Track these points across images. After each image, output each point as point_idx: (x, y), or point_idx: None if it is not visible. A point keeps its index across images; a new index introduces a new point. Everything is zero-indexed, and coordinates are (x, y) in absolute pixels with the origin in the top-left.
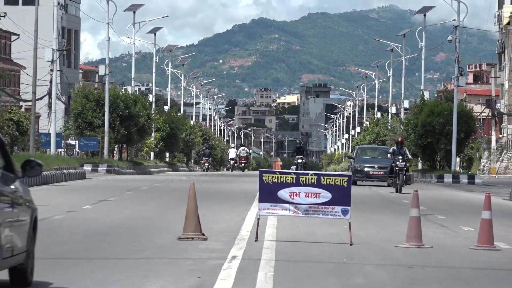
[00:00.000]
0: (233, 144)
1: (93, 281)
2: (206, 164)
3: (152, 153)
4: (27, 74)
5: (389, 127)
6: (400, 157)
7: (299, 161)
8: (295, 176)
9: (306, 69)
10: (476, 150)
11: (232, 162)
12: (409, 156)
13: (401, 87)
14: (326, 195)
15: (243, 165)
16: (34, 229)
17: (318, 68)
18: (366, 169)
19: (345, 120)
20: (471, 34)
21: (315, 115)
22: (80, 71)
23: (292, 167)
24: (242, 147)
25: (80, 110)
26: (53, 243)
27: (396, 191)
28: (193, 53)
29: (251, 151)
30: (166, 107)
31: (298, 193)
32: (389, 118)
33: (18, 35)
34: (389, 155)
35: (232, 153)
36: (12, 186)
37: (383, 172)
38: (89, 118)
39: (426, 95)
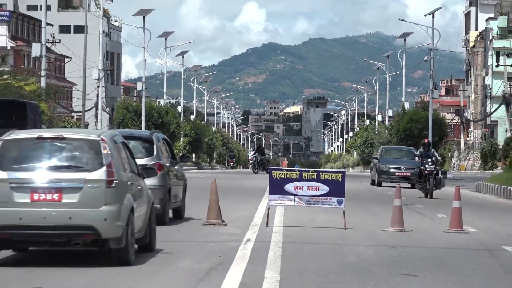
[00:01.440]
0: (251, 148)
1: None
2: (231, 163)
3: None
4: (78, 90)
5: (376, 132)
6: (429, 159)
7: (256, 158)
8: (299, 172)
9: (308, 85)
10: (448, 150)
11: (251, 161)
12: (439, 158)
13: (385, 99)
14: (324, 188)
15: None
16: (184, 190)
17: (317, 84)
18: (392, 170)
19: (339, 126)
20: (443, 55)
21: (315, 122)
22: (121, 87)
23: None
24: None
25: (122, 119)
26: None
27: (426, 196)
28: (214, 72)
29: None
30: (192, 117)
31: (301, 187)
32: (376, 125)
33: (70, 58)
34: (416, 158)
35: (250, 154)
36: (176, 167)
37: (409, 174)
38: (129, 126)
39: (406, 105)
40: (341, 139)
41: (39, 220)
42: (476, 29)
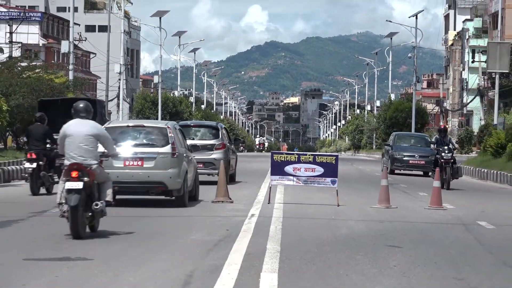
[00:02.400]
0: (258, 135)
1: (152, 231)
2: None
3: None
4: (102, 82)
5: (365, 120)
6: (446, 147)
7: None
8: (297, 156)
9: (305, 78)
10: (430, 136)
11: (257, 146)
12: (456, 146)
13: (374, 91)
14: (319, 170)
15: (261, 148)
16: (236, 162)
17: (314, 77)
18: (405, 158)
19: (333, 115)
20: (425, 52)
21: (312, 112)
22: (140, 80)
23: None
24: (261, 137)
25: (140, 109)
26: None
27: (442, 187)
28: (222, 67)
29: (265, 138)
30: (203, 106)
31: (299, 168)
32: (366, 114)
33: (95, 54)
34: (432, 146)
35: (257, 140)
36: (232, 147)
37: (423, 162)
38: (146, 114)
39: (393, 97)
40: (334, 127)
41: (129, 177)
42: (454, 29)
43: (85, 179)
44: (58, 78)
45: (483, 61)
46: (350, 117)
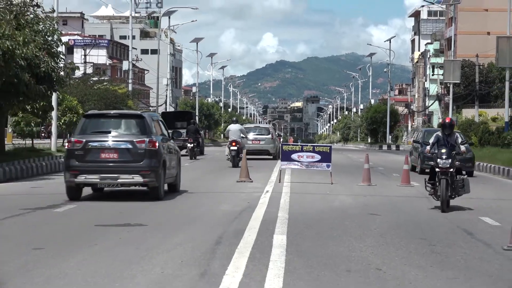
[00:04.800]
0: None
1: (191, 205)
2: None
3: (222, 135)
4: (153, 92)
5: (352, 119)
6: (444, 150)
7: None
8: (301, 146)
9: (306, 88)
10: (400, 131)
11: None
12: (461, 149)
13: (358, 97)
14: (317, 157)
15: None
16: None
17: (313, 87)
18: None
19: (328, 115)
20: (396, 68)
21: (311, 113)
22: (182, 90)
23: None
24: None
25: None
26: None
27: (442, 208)
28: (244, 80)
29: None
30: (229, 109)
31: (302, 156)
32: (352, 114)
33: (148, 70)
34: (427, 148)
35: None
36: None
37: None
38: None
39: (372, 101)
40: (328, 124)
41: (253, 148)
42: (419, 50)
43: (237, 146)
44: (120, 89)
45: (440, 74)
46: (340, 117)
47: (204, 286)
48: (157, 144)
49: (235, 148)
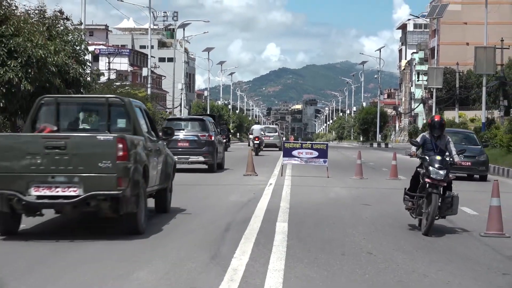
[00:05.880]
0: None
1: (202, 195)
2: None
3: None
4: (169, 95)
5: (346, 120)
6: (438, 157)
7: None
8: (300, 144)
9: (305, 92)
10: (389, 131)
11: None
12: (455, 159)
13: (352, 101)
14: (315, 153)
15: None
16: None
17: (311, 91)
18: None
19: (324, 117)
20: (386, 74)
21: (310, 114)
22: (195, 93)
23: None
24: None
25: (195, 113)
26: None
27: (425, 230)
28: (250, 85)
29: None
30: (237, 111)
31: (302, 152)
32: (346, 116)
33: (165, 76)
34: (413, 148)
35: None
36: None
37: (470, 163)
38: None
39: (364, 104)
40: (325, 124)
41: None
42: (405, 59)
43: (259, 140)
44: (140, 93)
45: (425, 80)
46: (335, 118)
47: (214, 267)
48: (212, 137)
49: (258, 142)
